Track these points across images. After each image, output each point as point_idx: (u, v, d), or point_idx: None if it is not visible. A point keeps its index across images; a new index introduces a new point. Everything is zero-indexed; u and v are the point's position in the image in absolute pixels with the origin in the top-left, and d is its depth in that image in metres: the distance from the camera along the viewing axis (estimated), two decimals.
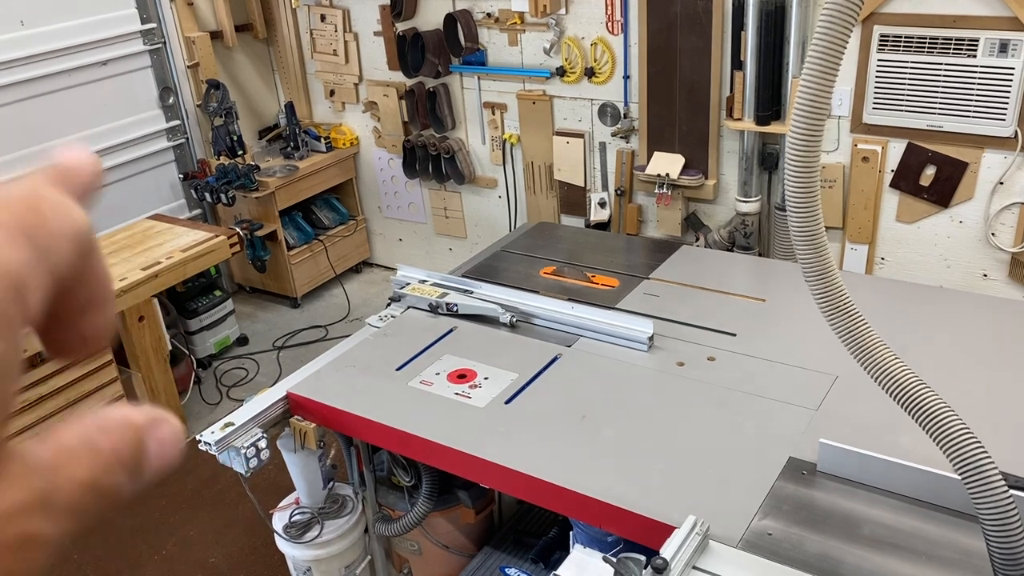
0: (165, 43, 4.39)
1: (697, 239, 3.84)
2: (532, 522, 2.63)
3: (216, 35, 4.60)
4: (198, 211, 4.70)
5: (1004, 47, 2.92)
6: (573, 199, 4.21)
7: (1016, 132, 3.02)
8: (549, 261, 3.02)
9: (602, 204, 4.09)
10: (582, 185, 4.13)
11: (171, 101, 4.49)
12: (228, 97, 4.44)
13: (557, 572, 1.58)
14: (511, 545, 2.53)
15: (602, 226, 4.12)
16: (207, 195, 4.38)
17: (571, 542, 2.02)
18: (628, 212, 4.04)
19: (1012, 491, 1.27)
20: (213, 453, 2.19)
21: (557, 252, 3.15)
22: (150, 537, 3.11)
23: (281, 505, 2.58)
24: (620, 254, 3.21)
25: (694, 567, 1.51)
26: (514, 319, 2.51)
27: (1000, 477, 1.26)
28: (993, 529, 1.26)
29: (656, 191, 3.79)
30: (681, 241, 3.80)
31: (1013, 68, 2.93)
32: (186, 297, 4.16)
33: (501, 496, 2.68)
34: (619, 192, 4.03)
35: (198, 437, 2.21)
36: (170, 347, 3.73)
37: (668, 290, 2.72)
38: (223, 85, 4.43)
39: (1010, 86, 2.95)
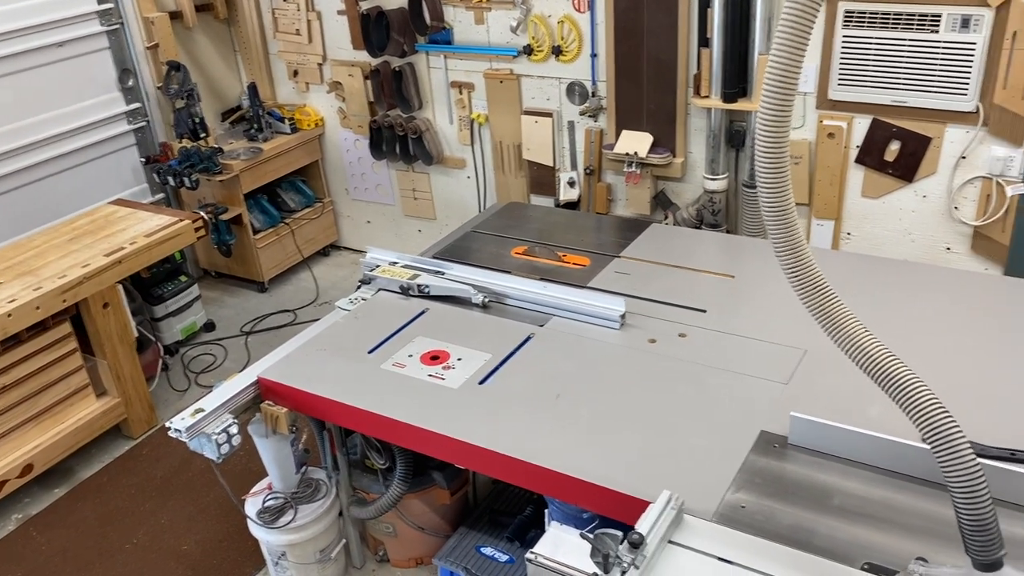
0: (123, 24, 4.29)
1: (666, 217, 3.86)
2: (507, 501, 2.64)
3: (176, 15, 4.50)
4: (161, 195, 4.62)
5: (966, 22, 2.96)
6: (543, 179, 4.20)
7: (978, 107, 3.06)
8: (520, 241, 3.02)
9: (571, 183, 4.09)
10: (551, 164, 4.12)
11: (131, 83, 4.39)
12: (189, 79, 4.35)
13: (534, 550, 1.59)
14: (486, 525, 2.54)
15: (572, 205, 4.12)
16: (170, 179, 4.30)
17: (547, 520, 2.03)
18: (597, 191, 4.04)
19: (980, 459, 1.29)
20: (184, 440, 2.17)
21: (528, 232, 3.15)
22: (120, 526, 3.08)
23: (254, 491, 2.57)
24: (590, 233, 3.22)
25: (670, 541, 1.53)
26: (486, 299, 2.51)
27: (968, 446, 1.28)
28: (962, 496, 1.29)
29: (625, 170, 3.79)
30: (650, 219, 3.81)
31: (974, 43, 2.96)
32: (151, 283, 4.10)
33: (476, 476, 2.69)
34: (588, 171, 4.03)
35: (168, 424, 2.18)
36: (136, 334, 3.67)
37: (638, 268, 2.73)
38: (184, 66, 4.34)
39: (971, 61, 2.99)
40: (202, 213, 4.06)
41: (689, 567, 1.48)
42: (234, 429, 2.20)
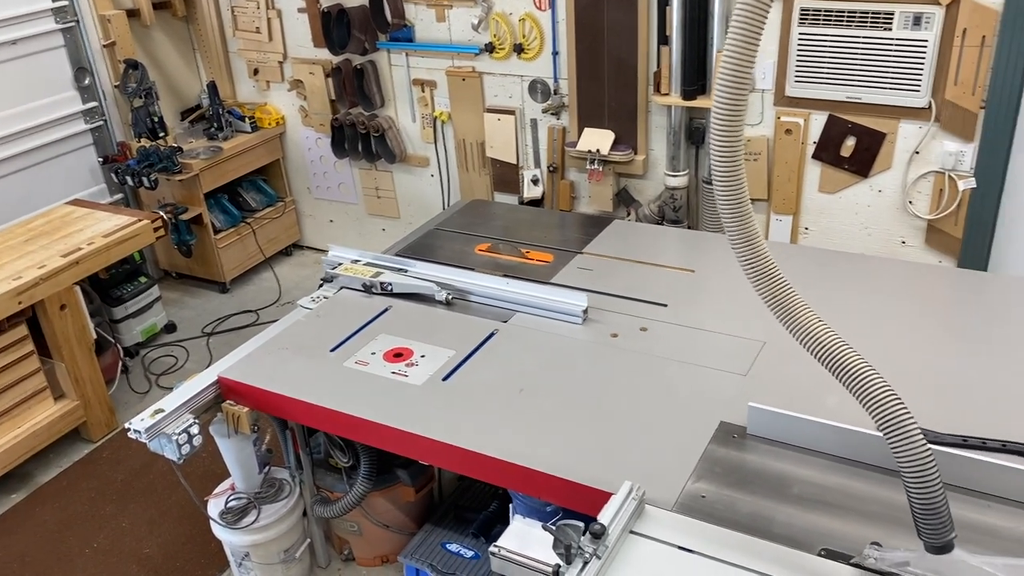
0: (78, 22, 4.22)
1: (628, 214, 3.89)
2: (473, 497, 2.64)
3: (133, 13, 4.43)
4: (120, 196, 4.55)
5: (917, 20, 3.02)
6: (506, 176, 4.21)
7: (930, 103, 3.13)
8: (484, 238, 3.03)
9: (535, 181, 4.10)
10: (514, 162, 4.13)
11: (87, 82, 4.32)
12: (147, 77, 4.29)
13: (497, 543, 1.59)
14: (452, 521, 2.54)
15: (536, 203, 4.13)
16: (128, 179, 4.24)
17: (511, 514, 2.04)
18: (561, 188, 4.06)
19: (931, 446, 1.32)
20: (144, 441, 2.14)
21: (491, 229, 3.16)
22: (79, 531, 3.03)
23: (216, 492, 2.55)
24: (554, 230, 3.24)
25: (631, 531, 1.55)
26: (450, 296, 2.51)
27: (920, 433, 1.31)
28: (913, 482, 1.32)
29: (587, 167, 3.81)
30: (613, 216, 3.84)
31: (926, 40, 3.02)
32: (110, 284, 4.04)
33: (441, 473, 2.69)
34: (551, 169, 4.04)
35: (127, 425, 2.15)
36: (95, 336, 3.62)
37: (601, 264, 2.75)
38: (142, 65, 4.28)
39: (923, 58, 3.05)
40: (161, 213, 4.02)
41: (650, 556, 1.50)
42: (195, 429, 2.18)
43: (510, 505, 2.11)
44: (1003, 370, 2.03)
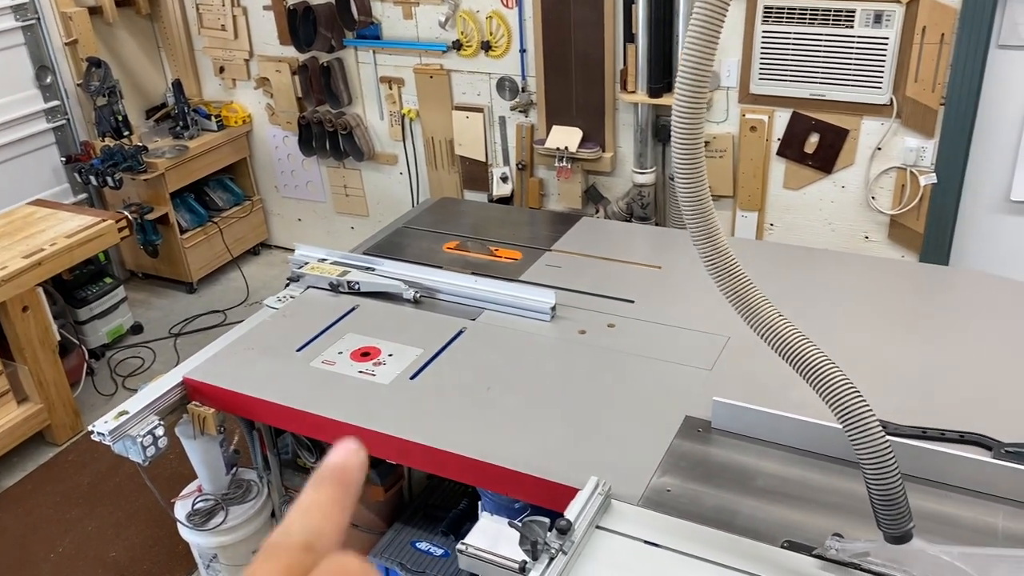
0: (39, 19, 4.15)
1: (597, 211, 3.90)
2: (442, 495, 2.64)
3: (95, 11, 4.38)
4: (83, 195, 4.50)
5: (878, 18, 3.06)
6: (475, 174, 4.21)
7: (891, 99, 3.18)
8: (452, 236, 3.02)
9: (504, 179, 4.11)
10: (483, 160, 4.13)
11: (48, 80, 4.26)
12: (111, 75, 4.24)
13: (465, 541, 1.60)
14: (422, 520, 2.54)
15: (505, 200, 4.14)
16: (92, 178, 4.19)
17: (480, 511, 2.04)
18: (530, 186, 4.07)
19: (889, 437, 1.34)
20: (108, 443, 2.11)
21: (460, 227, 3.15)
22: (44, 535, 2.99)
23: (183, 493, 2.52)
24: (523, 227, 3.24)
25: (597, 526, 1.56)
26: (418, 295, 2.50)
27: (878, 425, 1.33)
28: (872, 473, 1.34)
29: (556, 165, 3.82)
30: (581, 213, 3.85)
31: (887, 38, 3.07)
32: (74, 285, 3.99)
33: (411, 471, 2.68)
34: (520, 166, 4.05)
35: (91, 428, 2.13)
36: (59, 338, 3.57)
37: (569, 261, 2.76)
38: (105, 63, 4.23)
39: (885, 55, 3.10)
40: (126, 213, 3.97)
41: (616, 551, 1.51)
42: (160, 431, 2.15)
43: (479, 503, 2.12)
44: (962, 362, 2.07)
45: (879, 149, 3.28)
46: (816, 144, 3.37)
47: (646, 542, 1.53)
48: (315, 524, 0.39)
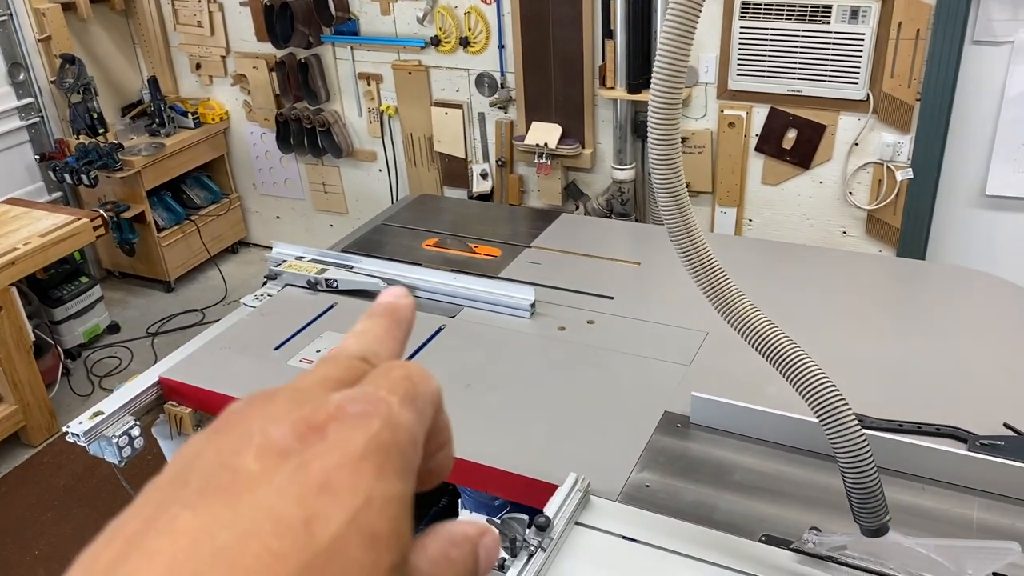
0: (11, 15, 4.10)
1: (577, 207, 3.90)
2: (423, 494, 2.63)
3: (69, 7, 4.32)
4: (58, 194, 4.44)
5: (855, 13, 3.08)
6: (455, 171, 4.19)
7: (868, 95, 3.19)
8: (431, 233, 3.01)
9: (484, 175, 4.10)
10: (463, 156, 4.12)
11: (21, 78, 4.20)
12: (85, 72, 4.19)
13: None
14: None
15: (485, 197, 4.13)
16: (67, 176, 4.14)
17: (460, 509, 2.04)
18: (510, 183, 4.06)
19: (865, 431, 1.35)
20: (83, 444, 2.09)
21: (440, 224, 3.14)
22: (19, 539, 2.95)
23: None
24: (502, 224, 3.23)
25: (577, 522, 1.56)
26: None
27: (854, 419, 1.34)
28: (848, 467, 1.35)
29: (535, 161, 3.82)
30: (561, 210, 3.85)
31: (863, 33, 3.08)
32: (49, 285, 3.94)
33: None
34: (500, 163, 4.04)
35: (65, 429, 2.10)
36: (33, 338, 3.53)
37: (549, 258, 2.75)
38: (79, 60, 4.18)
39: (861, 51, 3.11)
40: (102, 212, 3.93)
41: (595, 547, 1.51)
42: (136, 432, 2.13)
43: (459, 500, 2.11)
44: (939, 356, 2.08)
45: (856, 144, 3.30)
46: (794, 140, 3.38)
47: (625, 538, 1.53)
48: (370, 344, 0.38)
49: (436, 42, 3.90)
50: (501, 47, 3.78)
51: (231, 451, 0.30)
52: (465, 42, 3.84)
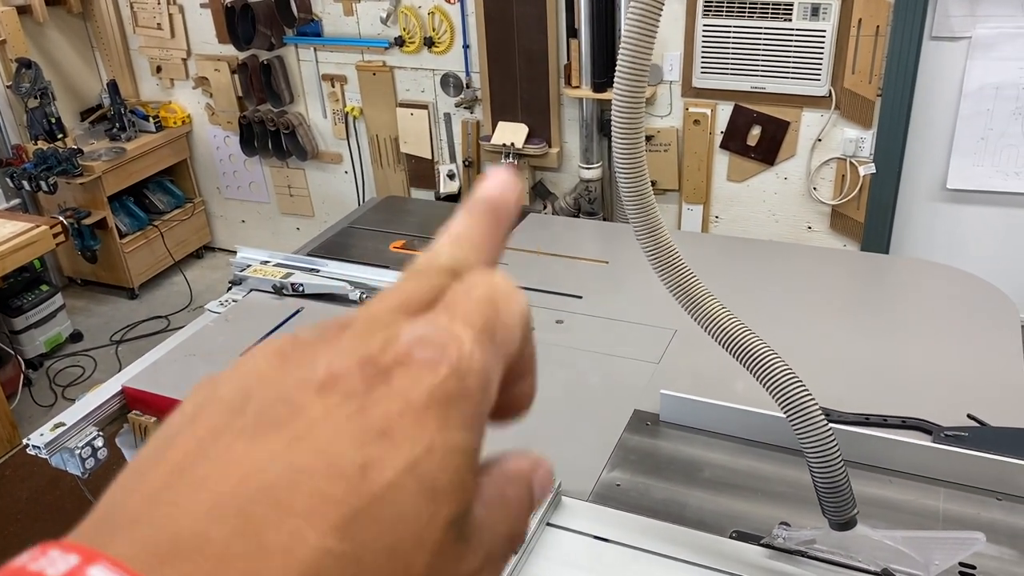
0: None
1: (544, 206, 3.90)
2: None
3: (24, 10, 4.24)
4: (16, 201, 4.36)
5: (815, 10, 3.11)
6: (422, 172, 4.17)
7: (830, 91, 3.23)
8: (399, 235, 2.99)
9: (451, 176, 4.08)
10: (430, 157, 4.10)
11: None
12: (42, 77, 4.11)
13: None
14: None
15: (452, 198, 4.11)
16: (25, 183, 4.06)
17: None
18: (477, 183, 4.05)
19: (832, 425, 1.36)
20: (44, 456, 2.05)
21: (407, 226, 3.12)
22: None
23: None
24: None
25: (548, 524, 1.55)
26: (364, 296, 2.47)
27: (820, 413, 1.35)
28: (815, 461, 1.35)
29: (502, 161, 3.81)
30: (529, 209, 3.84)
31: (824, 30, 3.11)
32: (8, 294, 3.86)
33: None
34: (467, 163, 4.03)
35: (26, 441, 2.06)
36: None
37: (517, 257, 2.75)
38: (35, 64, 4.10)
39: (823, 47, 3.14)
40: (61, 218, 3.85)
41: (567, 548, 1.51)
42: (99, 442, 2.09)
43: None
44: (903, 349, 2.11)
45: (819, 140, 3.33)
46: (758, 136, 3.41)
47: (597, 537, 1.52)
48: (464, 254, 0.35)
49: (400, 42, 3.87)
50: (466, 47, 3.77)
51: (294, 384, 0.29)
52: (429, 42, 3.82)
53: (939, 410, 1.80)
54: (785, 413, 1.35)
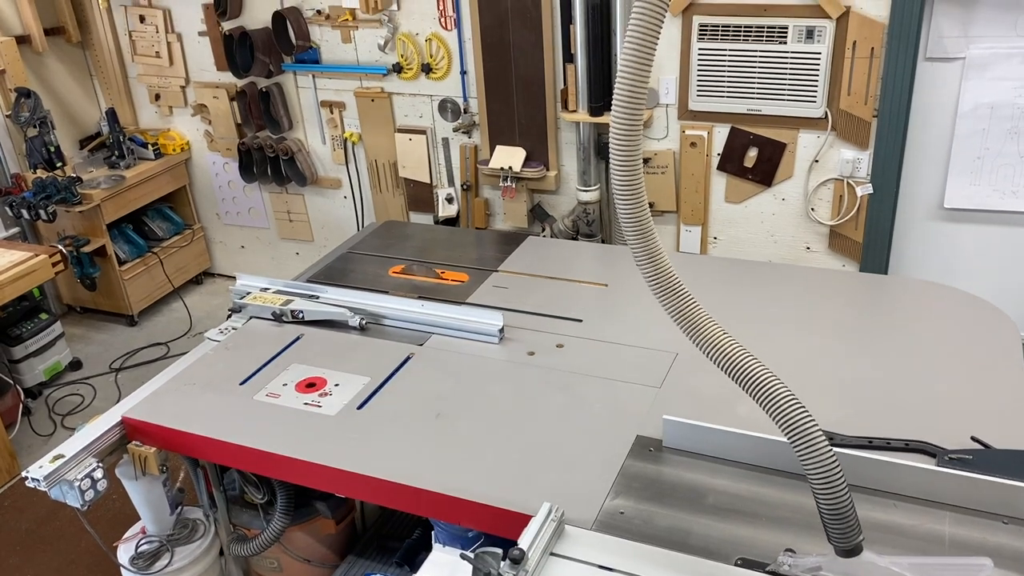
0: None
1: (543, 229, 3.91)
2: (396, 525, 2.60)
3: (23, 40, 4.27)
4: (16, 229, 4.36)
5: (811, 33, 3.13)
6: (420, 196, 4.18)
7: (826, 113, 3.24)
8: (398, 260, 2.99)
9: (449, 200, 4.09)
10: (428, 181, 4.11)
11: None
12: (41, 106, 4.13)
13: (417, 574, 1.56)
14: (375, 551, 2.49)
15: (451, 222, 4.12)
16: (24, 212, 4.06)
17: (433, 542, 2.01)
18: (476, 206, 4.05)
19: (836, 449, 1.35)
20: (43, 489, 2.03)
21: (406, 250, 3.12)
22: None
23: (126, 536, 2.44)
24: (469, 248, 3.22)
25: (551, 553, 1.54)
26: (363, 321, 2.47)
27: (823, 438, 1.34)
28: (820, 485, 1.35)
29: (501, 184, 3.82)
30: (528, 232, 3.86)
31: (819, 53, 3.13)
32: (7, 323, 3.86)
33: (363, 503, 2.64)
34: (465, 187, 4.04)
35: (25, 473, 2.05)
36: None
37: (516, 281, 2.75)
38: (35, 93, 4.12)
39: (818, 70, 3.16)
40: (60, 247, 3.85)
41: None
42: (99, 474, 2.08)
43: (433, 532, 2.08)
44: (903, 370, 2.10)
45: (816, 161, 3.34)
46: (755, 158, 3.42)
47: (601, 567, 1.51)
48: None
49: (398, 69, 3.90)
50: (463, 73, 3.79)
51: None
52: (427, 68, 3.85)
53: (941, 432, 1.80)
54: (788, 438, 1.35)
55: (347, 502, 2.53)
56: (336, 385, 2.16)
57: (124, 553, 2.37)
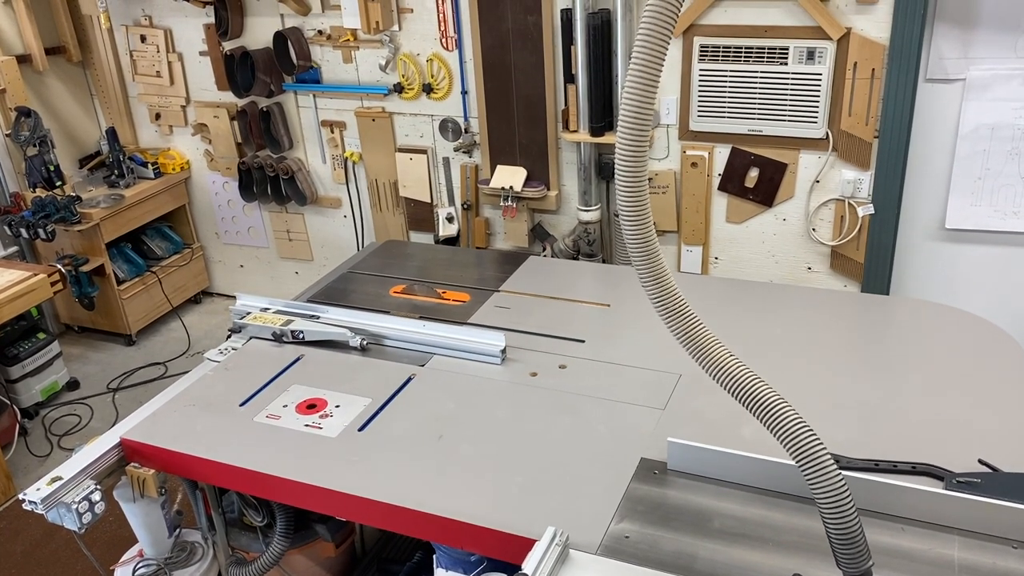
0: None
1: (544, 249, 3.90)
2: (396, 548, 2.57)
3: (24, 59, 4.28)
4: (14, 248, 4.35)
5: (811, 55, 3.14)
6: (421, 215, 4.18)
7: (827, 133, 3.24)
8: (399, 280, 2.98)
9: (450, 219, 4.09)
10: (428, 201, 4.11)
11: None
12: (41, 125, 4.13)
13: None
14: (375, 574, 2.46)
15: (452, 241, 4.11)
16: (23, 231, 4.05)
17: (435, 564, 1.99)
18: (476, 226, 4.05)
19: (844, 472, 1.34)
20: (40, 512, 2.01)
21: (407, 270, 3.11)
22: None
23: (123, 559, 2.41)
24: (470, 268, 3.21)
25: None
26: (364, 342, 2.45)
27: (831, 461, 1.32)
28: (829, 510, 1.33)
29: (501, 204, 3.82)
30: (529, 252, 3.85)
31: (820, 74, 3.14)
32: (5, 342, 3.84)
33: (363, 525, 2.61)
34: (466, 206, 4.04)
35: (22, 496, 2.02)
36: None
37: (518, 301, 2.74)
38: (35, 112, 4.12)
39: (819, 91, 3.17)
40: (59, 266, 3.84)
41: None
42: (97, 496, 2.05)
43: (435, 556, 2.06)
44: (908, 390, 2.09)
45: (817, 182, 3.34)
46: (756, 178, 3.42)
47: None
48: None
49: (399, 89, 3.90)
50: (464, 93, 3.80)
51: None
52: (428, 88, 3.85)
53: (947, 454, 1.78)
54: (796, 461, 1.33)
55: (347, 525, 2.50)
56: (337, 406, 2.15)
57: None
